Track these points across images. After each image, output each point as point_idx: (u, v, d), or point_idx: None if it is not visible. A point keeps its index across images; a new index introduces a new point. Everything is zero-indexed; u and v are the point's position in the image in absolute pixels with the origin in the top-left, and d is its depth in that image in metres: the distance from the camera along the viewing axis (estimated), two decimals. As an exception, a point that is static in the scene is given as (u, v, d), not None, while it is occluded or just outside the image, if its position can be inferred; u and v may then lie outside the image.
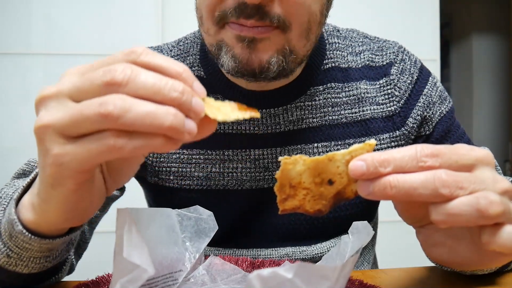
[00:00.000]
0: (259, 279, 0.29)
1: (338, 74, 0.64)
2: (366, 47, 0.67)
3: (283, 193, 0.36)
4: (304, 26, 0.52)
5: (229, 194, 0.63)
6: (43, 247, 0.40)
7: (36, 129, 0.32)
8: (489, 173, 0.34)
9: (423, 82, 0.66)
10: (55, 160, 0.31)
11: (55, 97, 0.31)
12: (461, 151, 0.34)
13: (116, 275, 0.33)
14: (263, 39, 0.50)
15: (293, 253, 0.64)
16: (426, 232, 0.38)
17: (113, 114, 0.28)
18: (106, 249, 0.89)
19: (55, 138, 0.31)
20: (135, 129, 0.29)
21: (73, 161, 0.31)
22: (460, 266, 0.37)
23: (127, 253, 0.32)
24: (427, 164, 0.32)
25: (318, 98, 0.63)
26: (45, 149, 0.32)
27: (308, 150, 0.62)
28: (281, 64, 0.52)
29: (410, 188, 0.32)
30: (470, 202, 0.31)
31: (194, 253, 0.47)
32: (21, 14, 1.51)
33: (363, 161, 0.33)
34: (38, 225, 0.39)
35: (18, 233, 0.39)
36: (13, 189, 0.46)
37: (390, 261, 0.86)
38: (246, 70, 0.52)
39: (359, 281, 0.46)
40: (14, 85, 1.51)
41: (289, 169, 0.35)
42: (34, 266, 0.42)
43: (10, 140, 1.51)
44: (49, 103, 0.32)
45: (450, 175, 0.32)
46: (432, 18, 1.70)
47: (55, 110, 0.31)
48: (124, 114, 0.29)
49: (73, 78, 0.32)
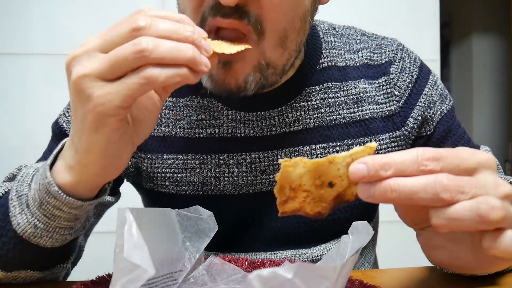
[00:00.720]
0: (259, 279, 0.29)
1: (336, 73, 0.63)
2: (364, 45, 0.66)
3: (283, 195, 0.36)
4: (279, 34, 0.50)
5: (226, 199, 0.62)
6: (72, 213, 0.44)
7: (75, 81, 0.36)
8: (491, 177, 0.34)
9: (424, 81, 0.65)
10: (98, 102, 0.36)
11: (86, 53, 0.37)
12: (463, 154, 0.34)
13: (116, 275, 0.33)
14: (238, 60, 0.49)
15: (293, 256, 0.63)
16: (427, 234, 0.37)
17: (147, 49, 0.34)
18: (106, 249, 0.89)
19: (95, 83, 0.36)
20: (165, 62, 0.35)
21: (116, 98, 0.36)
22: (460, 269, 0.37)
23: (128, 253, 0.32)
24: (428, 168, 0.32)
25: (314, 99, 0.62)
26: (86, 96, 0.36)
27: (305, 152, 0.61)
28: (259, 81, 0.52)
29: (410, 192, 0.32)
30: (471, 207, 0.31)
31: (194, 253, 0.47)
32: (21, 14, 1.51)
33: (364, 164, 0.33)
34: (74, 185, 0.42)
35: (51, 196, 0.42)
36: (32, 169, 0.48)
37: (390, 261, 0.86)
38: (223, 91, 0.52)
39: (359, 281, 0.46)
40: (14, 85, 1.51)
41: (289, 171, 0.35)
42: (58, 238, 0.45)
43: (10, 140, 1.51)
44: (81, 59, 0.37)
45: (451, 180, 0.32)
46: (432, 18, 1.69)
47: (89, 62, 0.36)
48: (155, 49, 0.34)
49: (96, 38, 0.37)
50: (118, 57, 0.35)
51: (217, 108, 0.61)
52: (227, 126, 0.61)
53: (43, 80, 1.52)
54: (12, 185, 0.47)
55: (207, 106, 0.62)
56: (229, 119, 0.61)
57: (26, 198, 0.44)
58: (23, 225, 0.44)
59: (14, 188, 0.46)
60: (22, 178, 0.47)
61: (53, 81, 1.52)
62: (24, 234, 0.44)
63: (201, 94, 0.62)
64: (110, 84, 0.36)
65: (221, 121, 0.61)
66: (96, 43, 0.37)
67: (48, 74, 1.52)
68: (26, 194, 0.45)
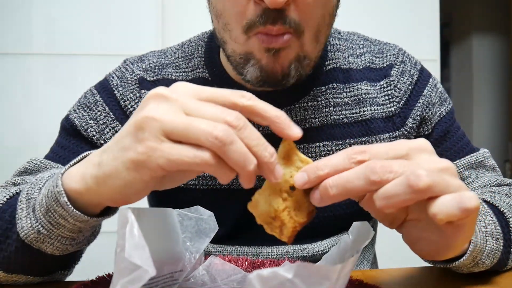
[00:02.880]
0: (259, 279, 0.29)
1: (340, 74, 0.65)
2: (366, 49, 0.68)
3: (275, 228, 0.37)
4: (314, 29, 0.54)
5: (234, 193, 0.63)
6: (76, 225, 0.43)
7: (143, 118, 0.34)
8: (426, 157, 0.35)
9: (423, 83, 0.66)
10: (147, 150, 0.34)
11: (171, 101, 0.35)
12: (393, 144, 0.36)
13: (117, 275, 0.33)
14: (285, 48, 0.52)
15: (294, 251, 0.64)
16: (405, 230, 0.39)
17: (221, 139, 0.33)
18: (106, 249, 0.90)
19: (157, 132, 0.34)
20: (226, 160, 0.34)
21: (162, 158, 0.34)
22: (438, 254, 0.38)
23: (128, 253, 0.32)
24: (357, 159, 0.34)
25: (320, 99, 0.64)
26: (142, 137, 0.34)
27: (310, 150, 0.63)
28: (298, 70, 0.54)
29: (346, 183, 0.34)
30: (401, 181, 0.33)
31: (194, 253, 0.47)
32: (22, 14, 1.51)
33: (304, 171, 0.36)
34: (83, 194, 0.40)
35: (59, 205, 0.41)
36: (48, 173, 0.48)
37: (390, 261, 0.86)
38: (270, 79, 0.54)
39: (359, 281, 0.46)
40: (15, 85, 1.51)
41: (258, 208, 0.37)
42: (59, 247, 0.45)
43: (11, 140, 1.51)
44: (163, 102, 0.35)
45: (379, 162, 0.33)
46: (432, 18, 1.70)
47: (167, 111, 0.34)
48: (228, 144, 0.33)
49: (188, 97, 0.35)
50: (194, 127, 0.33)
51: None
52: None
53: (43, 80, 1.52)
54: (24, 187, 0.47)
55: None
56: None
57: (33, 202, 0.44)
58: (26, 229, 0.44)
59: (25, 190, 0.46)
60: (36, 181, 0.47)
61: (53, 81, 1.52)
62: (26, 238, 0.44)
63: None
64: (168, 143, 0.34)
65: None
66: (185, 102, 0.35)
67: (48, 74, 1.52)
68: (35, 198, 0.44)
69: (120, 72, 0.67)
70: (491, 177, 0.65)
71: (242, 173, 0.34)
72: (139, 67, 0.67)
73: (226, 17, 0.54)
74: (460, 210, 0.32)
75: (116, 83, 0.66)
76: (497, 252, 0.50)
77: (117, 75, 0.67)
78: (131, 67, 0.67)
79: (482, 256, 0.48)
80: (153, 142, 0.34)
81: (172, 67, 0.66)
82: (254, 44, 0.53)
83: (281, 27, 0.51)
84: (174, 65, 0.67)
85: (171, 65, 0.67)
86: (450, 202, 0.32)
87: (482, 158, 0.66)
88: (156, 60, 0.68)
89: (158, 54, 0.69)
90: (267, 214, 0.37)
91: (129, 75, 0.66)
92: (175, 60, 0.67)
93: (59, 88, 1.52)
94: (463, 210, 0.32)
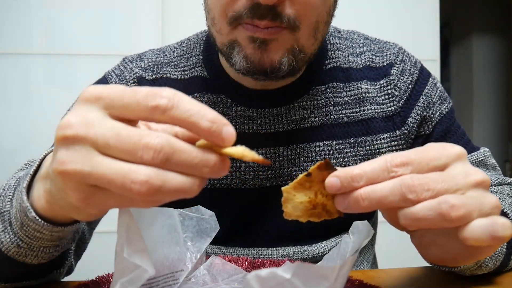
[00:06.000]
0: (258, 279, 0.29)
1: (340, 74, 0.65)
2: (366, 48, 0.67)
3: (322, 213, 0.36)
4: (312, 26, 0.54)
5: (232, 193, 0.63)
6: (54, 235, 0.41)
7: (57, 173, 0.30)
8: (461, 168, 0.34)
9: (423, 83, 0.66)
10: (81, 202, 0.30)
11: (80, 143, 0.29)
12: (432, 152, 0.34)
13: (117, 275, 0.33)
14: (272, 40, 0.52)
15: (294, 253, 0.64)
16: (418, 234, 0.38)
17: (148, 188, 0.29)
18: (106, 249, 0.90)
19: (81, 186, 0.30)
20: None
21: (99, 206, 0.30)
22: (454, 262, 0.37)
23: (128, 253, 0.32)
24: (398, 174, 0.33)
25: (320, 98, 0.64)
26: (70, 188, 0.30)
27: (310, 149, 0.63)
28: (291, 63, 0.54)
29: (381, 197, 0.33)
30: (432, 207, 0.32)
31: (195, 253, 0.47)
32: (22, 14, 1.51)
33: (337, 177, 0.34)
34: (52, 211, 0.37)
35: (30, 220, 0.39)
36: (14, 180, 0.45)
37: (390, 261, 0.86)
38: (257, 70, 0.54)
39: (359, 281, 0.46)
40: (15, 85, 1.51)
41: (294, 213, 0.36)
42: (44, 256, 0.43)
43: (11, 140, 1.51)
44: (71, 148, 0.29)
45: (416, 179, 0.32)
46: (432, 18, 1.70)
47: (79, 159, 0.29)
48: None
49: (98, 128, 0.29)
50: (116, 176, 0.28)
51: (226, 104, 0.63)
52: (235, 122, 0.62)
53: (43, 80, 1.52)
54: None
55: (217, 102, 0.63)
56: (237, 115, 0.63)
57: (8, 216, 0.42)
58: (6, 244, 0.42)
59: None
60: (4, 192, 0.44)
61: (53, 81, 1.52)
62: (8, 252, 0.42)
63: (211, 90, 0.63)
64: (98, 190, 0.30)
65: (229, 117, 0.62)
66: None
67: (48, 74, 1.52)
68: (8, 211, 0.42)
69: (119, 71, 0.66)
70: (492, 176, 0.65)
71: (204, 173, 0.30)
72: (138, 65, 0.66)
73: (213, 11, 0.54)
74: (492, 238, 0.31)
75: (115, 81, 0.65)
76: (500, 254, 0.49)
77: (116, 73, 0.66)
78: (130, 65, 0.67)
79: (485, 259, 0.47)
80: (83, 193, 0.30)
81: (171, 66, 0.66)
82: (238, 32, 0.53)
83: (269, 23, 0.50)
84: (172, 64, 0.67)
85: (170, 64, 0.67)
86: (482, 229, 0.31)
87: (483, 157, 0.66)
88: (155, 58, 0.67)
89: (157, 53, 0.69)
90: (306, 210, 0.36)
91: (127, 74, 0.66)
92: (173, 59, 0.67)
93: (59, 88, 1.52)
94: (495, 239, 0.31)
